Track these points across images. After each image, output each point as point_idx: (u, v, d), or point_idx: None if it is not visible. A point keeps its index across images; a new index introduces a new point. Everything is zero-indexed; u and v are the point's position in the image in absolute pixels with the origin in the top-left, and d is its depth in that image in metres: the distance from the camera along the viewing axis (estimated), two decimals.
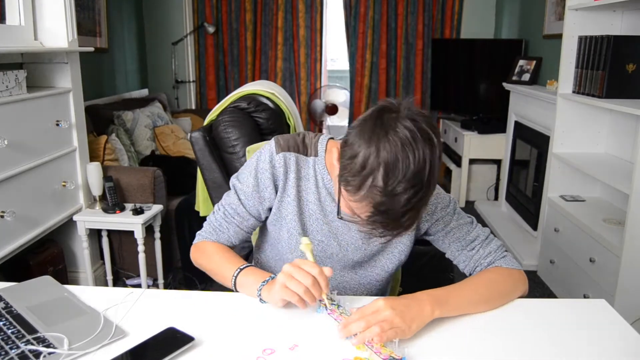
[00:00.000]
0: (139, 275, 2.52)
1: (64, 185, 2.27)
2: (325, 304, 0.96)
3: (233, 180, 1.16)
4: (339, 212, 0.95)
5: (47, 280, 1.07)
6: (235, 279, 1.05)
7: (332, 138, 1.14)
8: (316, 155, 1.10)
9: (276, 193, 1.11)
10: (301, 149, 1.11)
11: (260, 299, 1.00)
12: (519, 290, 1.07)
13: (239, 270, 1.05)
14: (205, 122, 1.59)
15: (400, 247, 1.15)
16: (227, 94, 1.65)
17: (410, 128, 0.83)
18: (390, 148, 0.82)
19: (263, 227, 1.21)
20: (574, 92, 2.57)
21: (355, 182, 0.85)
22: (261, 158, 1.11)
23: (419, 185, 0.83)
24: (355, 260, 1.13)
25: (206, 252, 1.14)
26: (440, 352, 0.87)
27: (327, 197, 1.10)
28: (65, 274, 2.44)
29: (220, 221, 1.15)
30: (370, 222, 0.87)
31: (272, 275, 1.02)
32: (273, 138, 1.13)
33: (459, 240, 1.12)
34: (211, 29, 4.34)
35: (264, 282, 1.01)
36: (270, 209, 1.13)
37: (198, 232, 1.19)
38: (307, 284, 0.91)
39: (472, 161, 4.03)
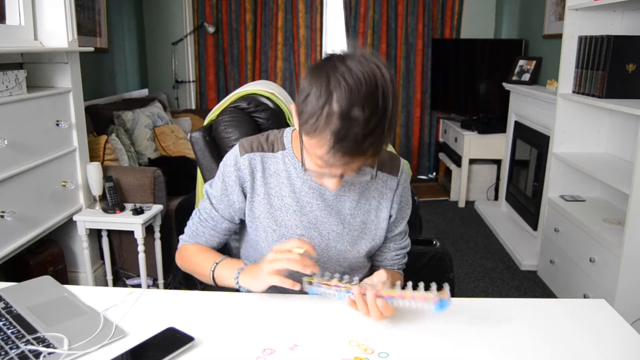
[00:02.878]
0: (139, 275, 2.52)
1: (64, 185, 2.27)
2: (321, 283, 0.95)
3: (206, 186, 1.18)
4: (303, 165, 0.96)
5: (47, 280, 1.07)
6: (213, 273, 1.08)
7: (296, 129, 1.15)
8: (284, 148, 1.12)
9: (245, 195, 1.12)
10: (266, 147, 1.12)
11: (240, 287, 1.02)
12: None
13: (215, 264, 1.08)
14: (205, 122, 1.59)
15: (378, 230, 1.15)
16: (227, 94, 1.65)
17: (358, 59, 0.87)
18: (340, 77, 0.85)
19: (243, 229, 1.22)
20: (574, 92, 2.57)
21: (313, 119, 0.86)
22: (227, 162, 1.13)
23: (374, 106, 0.85)
24: (338, 249, 1.12)
25: (186, 256, 1.18)
26: (438, 352, 0.87)
27: (303, 187, 1.10)
28: (65, 274, 2.44)
29: (196, 225, 1.19)
30: (332, 155, 0.87)
31: (246, 262, 1.06)
32: (238, 142, 1.14)
33: (391, 231, 1.19)
34: (211, 29, 4.34)
35: (239, 269, 1.03)
36: (243, 212, 1.14)
37: (180, 237, 1.22)
38: (292, 257, 0.93)
39: (472, 161, 4.04)
